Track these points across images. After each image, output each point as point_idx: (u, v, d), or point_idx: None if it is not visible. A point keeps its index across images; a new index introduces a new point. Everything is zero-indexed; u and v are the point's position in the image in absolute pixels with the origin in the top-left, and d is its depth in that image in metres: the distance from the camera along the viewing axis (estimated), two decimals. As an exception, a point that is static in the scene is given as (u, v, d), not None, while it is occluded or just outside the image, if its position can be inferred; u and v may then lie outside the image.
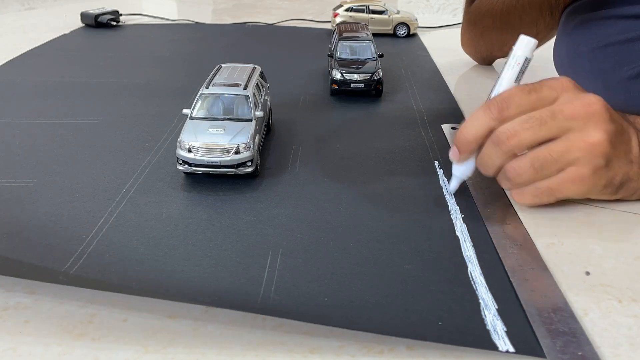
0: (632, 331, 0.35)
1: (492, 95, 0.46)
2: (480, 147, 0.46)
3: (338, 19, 1.12)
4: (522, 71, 0.46)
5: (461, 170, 0.49)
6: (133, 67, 0.90)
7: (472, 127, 0.45)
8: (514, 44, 0.46)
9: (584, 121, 0.43)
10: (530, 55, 0.46)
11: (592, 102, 0.43)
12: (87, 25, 1.18)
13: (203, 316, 0.36)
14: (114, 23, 1.19)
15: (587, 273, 0.40)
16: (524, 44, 0.46)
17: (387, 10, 1.13)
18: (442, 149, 0.60)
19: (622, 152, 0.44)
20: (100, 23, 1.17)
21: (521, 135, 0.43)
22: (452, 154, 0.48)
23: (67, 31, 1.13)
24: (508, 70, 0.46)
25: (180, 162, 0.51)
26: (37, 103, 0.72)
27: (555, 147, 0.43)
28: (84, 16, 1.18)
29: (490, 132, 0.45)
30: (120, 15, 1.22)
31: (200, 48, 1.05)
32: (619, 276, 0.40)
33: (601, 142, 0.43)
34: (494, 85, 0.47)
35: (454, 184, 0.50)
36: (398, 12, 1.14)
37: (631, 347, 0.34)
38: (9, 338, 0.34)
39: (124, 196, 0.49)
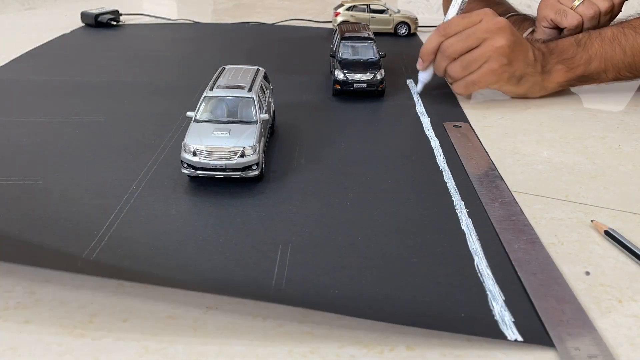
0: (632, 331, 0.35)
1: None
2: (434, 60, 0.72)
3: (339, 18, 1.12)
4: (461, 9, 0.73)
5: (424, 76, 0.75)
6: (135, 67, 0.90)
7: (429, 43, 0.71)
8: None
9: (493, 33, 0.67)
10: None
11: (500, 21, 0.68)
12: (87, 25, 1.18)
13: (203, 316, 0.36)
14: (114, 23, 1.19)
15: (587, 273, 0.40)
16: None
17: (387, 9, 1.14)
18: (444, 146, 0.60)
19: (521, 56, 0.69)
20: (100, 23, 1.17)
21: (455, 45, 0.68)
22: (418, 64, 0.74)
23: (67, 31, 1.13)
24: (452, 8, 0.73)
25: (185, 165, 0.51)
26: (42, 102, 0.73)
27: (475, 51, 0.68)
28: (84, 16, 1.18)
29: (439, 45, 0.69)
30: (121, 15, 1.22)
31: (201, 48, 1.05)
32: (619, 276, 0.40)
33: (504, 46, 0.67)
34: (444, 19, 0.73)
35: (419, 87, 0.76)
36: (399, 12, 1.14)
37: (631, 347, 0.34)
38: (9, 338, 0.34)
39: (133, 193, 0.50)
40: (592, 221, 0.46)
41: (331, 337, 0.34)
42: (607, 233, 0.44)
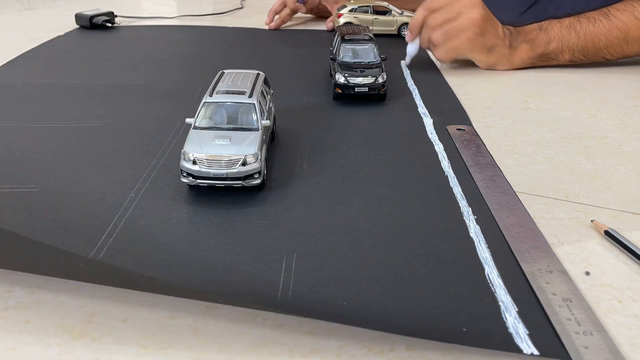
0: (632, 331, 0.35)
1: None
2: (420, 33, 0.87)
3: (342, 20, 1.12)
4: None
5: (412, 48, 0.88)
6: (131, 69, 0.89)
7: (416, 17, 0.87)
8: None
9: (469, 8, 0.83)
10: None
11: (475, 0, 0.84)
12: (82, 27, 1.17)
13: (203, 316, 0.36)
14: (109, 25, 1.17)
15: (587, 273, 0.40)
16: None
17: (391, 10, 1.13)
18: (449, 149, 0.60)
19: (492, 29, 0.84)
20: (95, 24, 1.16)
21: (438, 18, 0.84)
22: (407, 37, 0.89)
23: (61, 33, 1.12)
24: None
25: (185, 174, 0.49)
26: (35, 106, 0.71)
27: (454, 22, 0.83)
28: (78, 17, 1.17)
29: (425, 19, 0.85)
30: (116, 16, 1.21)
31: (198, 50, 1.05)
32: (619, 276, 0.40)
33: (478, 19, 0.82)
34: None
35: (408, 59, 0.89)
36: (402, 13, 1.14)
37: (631, 347, 0.34)
38: (9, 338, 0.34)
39: (132, 201, 0.48)
40: (592, 221, 0.46)
41: (331, 337, 0.34)
42: (607, 233, 0.44)
